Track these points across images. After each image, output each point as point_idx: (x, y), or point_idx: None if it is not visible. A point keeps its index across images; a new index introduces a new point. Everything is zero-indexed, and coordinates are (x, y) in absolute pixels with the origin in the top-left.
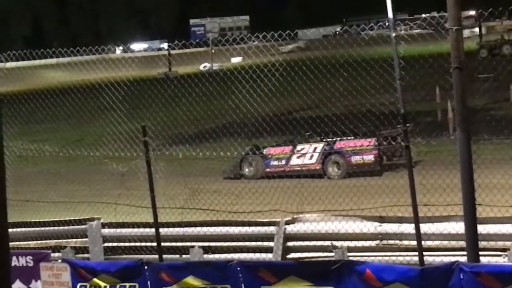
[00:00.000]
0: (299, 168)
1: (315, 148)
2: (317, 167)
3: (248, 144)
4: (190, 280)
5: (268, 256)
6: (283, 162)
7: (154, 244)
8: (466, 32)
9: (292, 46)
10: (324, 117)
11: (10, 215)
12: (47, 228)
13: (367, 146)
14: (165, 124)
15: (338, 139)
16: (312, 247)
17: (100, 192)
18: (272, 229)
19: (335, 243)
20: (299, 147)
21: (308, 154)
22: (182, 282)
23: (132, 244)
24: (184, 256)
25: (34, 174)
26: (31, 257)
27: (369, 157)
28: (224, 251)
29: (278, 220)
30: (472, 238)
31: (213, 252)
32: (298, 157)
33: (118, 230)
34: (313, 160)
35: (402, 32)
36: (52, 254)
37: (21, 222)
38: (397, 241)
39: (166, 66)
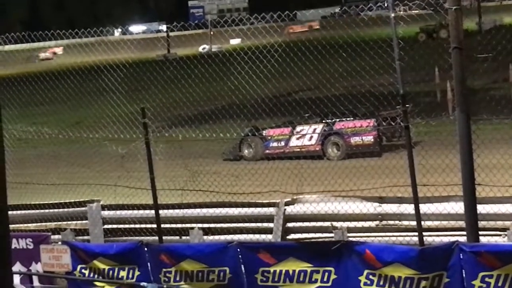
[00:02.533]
0: (298, 149)
1: (315, 129)
2: (317, 148)
3: (247, 126)
4: (190, 262)
5: (268, 238)
6: (283, 143)
7: (154, 226)
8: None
9: (303, 26)
10: (324, 98)
11: (10, 197)
12: (47, 211)
13: (367, 127)
14: (164, 106)
15: (338, 120)
16: (311, 228)
17: (99, 174)
18: (271, 210)
19: (335, 223)
20: (298, 129)
21: (307, 135)
22: (181, 264)
23: (132, 226)
24: (183, 237)
25: (33, 156)
26: (31, 240)
27: (369, 138)
28: (223, 233)
29: (277, 201)
30: (471, 218)
31: (213, 234)
32: (297, 139)
33: (118, 212)
34: (313, 141)
35: (401, 12)
36: (52, 236)
37: (21, 204)
38: (397, 222)
39: (165, 48)
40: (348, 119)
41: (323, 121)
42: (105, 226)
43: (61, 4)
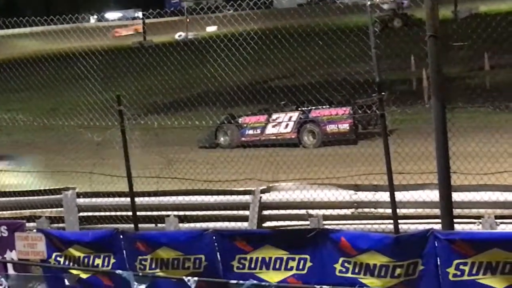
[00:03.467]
0: (274, 137)
1: (290, 117)
2: (293, 136)
3: (223, 113)
4: (166, 249)
5: (244, 225)
6: (259, 131)
7: (130, 213)
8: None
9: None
10: (300, 86)
11: None
12: (21, 198)
13: (342, 114)
14: (140, 93)
15: (313, 108)
16: (287, 215)
17: (75, 161)
18: (247, 198)
19: (311, 211)
20: (274, 116)
21: (283, 123)
22: (157, 252)
23: (108, 213)
24: (159, 225)
25: (8, 143)
26: (5, 227)
27: (344, 126)
28: (199, 220)
29: (253, 189)
30: (446, 206)
31: (189, 222)
32: (273, 126)
33: (93, 199)
34: (288, 129)
35: (378, 0)
36: (27, 224)
37: None
38: (372, 209)
39: (141, 35)
40: (324, 107)
41: (299, 109)
42: (80, 214)
43: None
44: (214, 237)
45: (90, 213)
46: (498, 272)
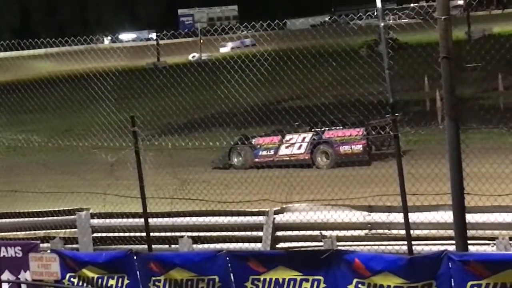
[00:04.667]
0: (287, 158)
1: (304, 138)
2: (306, 157)
3: (237, 134)
4: (179, 270)
5: (257, 246)
6: (272, 152)
7: (143, 234)
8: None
9: None
10: (313, 107)
11: None
12: (36, 219)
13: (356, 135)
14: (154, 114)
15: (327, 129)
16: (301, 236)
17: (89, 182)
18: (261, 219)
19: (324, 232)
20: (287, 137)
21: (296, 144)
22: (170, 273)
23: (121, 234)
24: (173, 246)
25: (23, 164)
26: (20, 248)
27: (358, 147)
28: (213, 241)
29: (267, 210)
30: (460, 227)
31: (202, 242)
32: (286, 147)
33: (107, 220)
34: (302, 150)
35: (391, 21)
36: (41, 245)
37: (10, 212)
38: (386, 230)
39: (155, 56)
40: (337, 128)
41: (313, 129)
42: (94, 235)
43: (51, 12)
44: (227, 258)
45: (104, 234)
46: None
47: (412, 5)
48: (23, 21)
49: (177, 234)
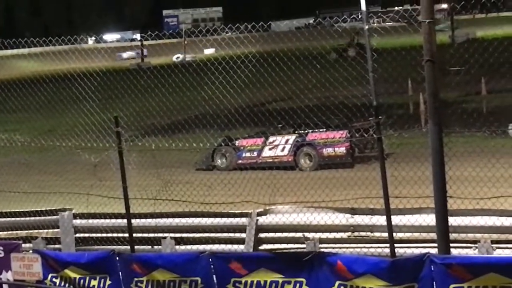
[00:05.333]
0: (271, 160)
1: (287, 140)
2: (289, 159)
3: (220, 136)
4: (162, 271)
5: (240, 248)
6: (255, 153)
7: (126, 235)
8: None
9: None
10: (297, 109)
11: None
12: (18, 219)
13: (339, 138)
14: (137, 115)
15: (310, 131)
16: (284, 238)
17: (72, 182)
18: (244, 220)
19: (307, 234)
20: (271, 139)
21: (280, 145)
22: (153, 274)
23: (104, 235)
24: (156, 247)
25: (5, 164)
26: (1, 248)
27: (341, 149)
28: (196, 243)
29: (250, 211)
30: (443, 230)
31: (185, 243)
32: (270, 149)
33: (90, 220)
34: (285, 152)
35: (375, 24)
36: (23, 245)
37: None
38: (369, 233)
39: (139, 56)
40: (320, 130)
41: (296, 131)
42: (77, 235)
43: (35, 12)
44: (210, 260)
45: (86, 235)
46: None
47: (396, 8)
48: (7, 21)
49: (160, 235)
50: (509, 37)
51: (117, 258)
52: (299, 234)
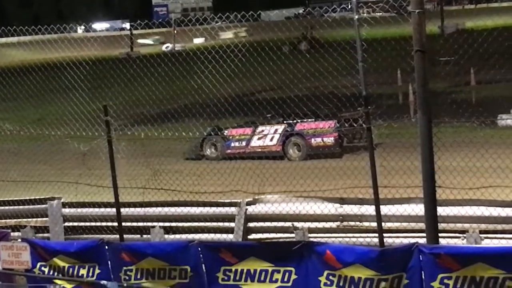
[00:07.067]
0: (259, 150)
1: (276, 130)
2: (278, 149)
3: (210, 125)
4: (151, 260)
5: (229, 237)
6: (244, 143)
7: (115, 224)
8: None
9: None
10: (286, 99)
11: None
12: (7, 207)
13: (328, 128)
14: (127, 104)
15: (299, 121)
16: (273, 228)
17: (61, 171)
18: (233, 209)
19: (296, 224)
20: (260, 129)
21: (268, 135)
22: (142, 263)
23: (93, 224)
24: (145, 236)
25: None
26: None
27: (330, 139)
28: (185, 232)
29: (239, 201)
30: (431, 220)
31: (174, 233)
32: (258, 139)
33: (79, 209)
34: (274, 142)
35: (365, 14)
36: (12, 234)
37: None
38: (358, 223)
39: (128, 46)
40: (309, 120)
41: (285, 121)
42: (66, 224)
43: (25, 3)
44: (199, 249)
45: (75, 223)
46: (482, 287)
47: None
48: None
49: (149, 224)
50: (498, 28)
51: (106, 247)
52: (288, 224)
